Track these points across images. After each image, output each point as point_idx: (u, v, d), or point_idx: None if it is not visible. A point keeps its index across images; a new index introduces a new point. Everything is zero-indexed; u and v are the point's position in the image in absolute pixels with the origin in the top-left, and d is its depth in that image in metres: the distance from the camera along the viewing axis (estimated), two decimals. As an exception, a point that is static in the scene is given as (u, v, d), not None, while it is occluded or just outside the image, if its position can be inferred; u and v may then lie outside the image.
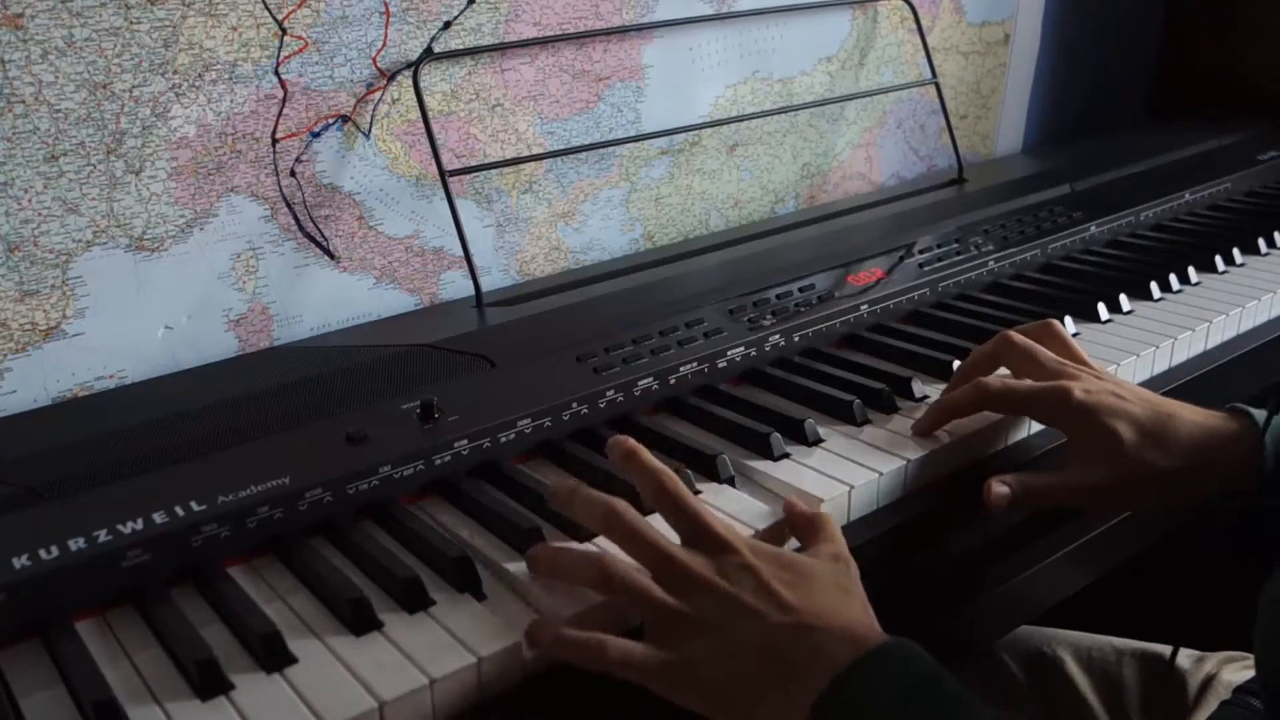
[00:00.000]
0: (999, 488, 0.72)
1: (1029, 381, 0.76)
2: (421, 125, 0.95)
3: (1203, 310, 1.00)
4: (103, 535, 0.59)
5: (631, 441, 0.65)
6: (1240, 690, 0.81)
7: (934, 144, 1.41)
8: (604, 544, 0.65)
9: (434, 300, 1.01)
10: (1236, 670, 0.93)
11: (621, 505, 0.61)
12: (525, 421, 0.74)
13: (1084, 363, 0.78)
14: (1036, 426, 0.81)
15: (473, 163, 0.99)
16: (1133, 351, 0.90)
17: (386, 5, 0.92)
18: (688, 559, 0.58)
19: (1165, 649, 0.96)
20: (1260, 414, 0.74)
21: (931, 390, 0.84)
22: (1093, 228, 1.15)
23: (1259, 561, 0.75)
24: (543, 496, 0.68)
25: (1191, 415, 0.74)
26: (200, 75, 0.84)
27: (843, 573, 0.60)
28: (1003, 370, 0.80)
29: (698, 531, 0.60)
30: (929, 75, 1.30)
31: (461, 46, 0.97)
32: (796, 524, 0.65)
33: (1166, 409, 0.73)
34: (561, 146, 1.05)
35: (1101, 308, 0.98)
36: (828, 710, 0.52)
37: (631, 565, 0.59)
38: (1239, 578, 0.78)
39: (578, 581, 0.60)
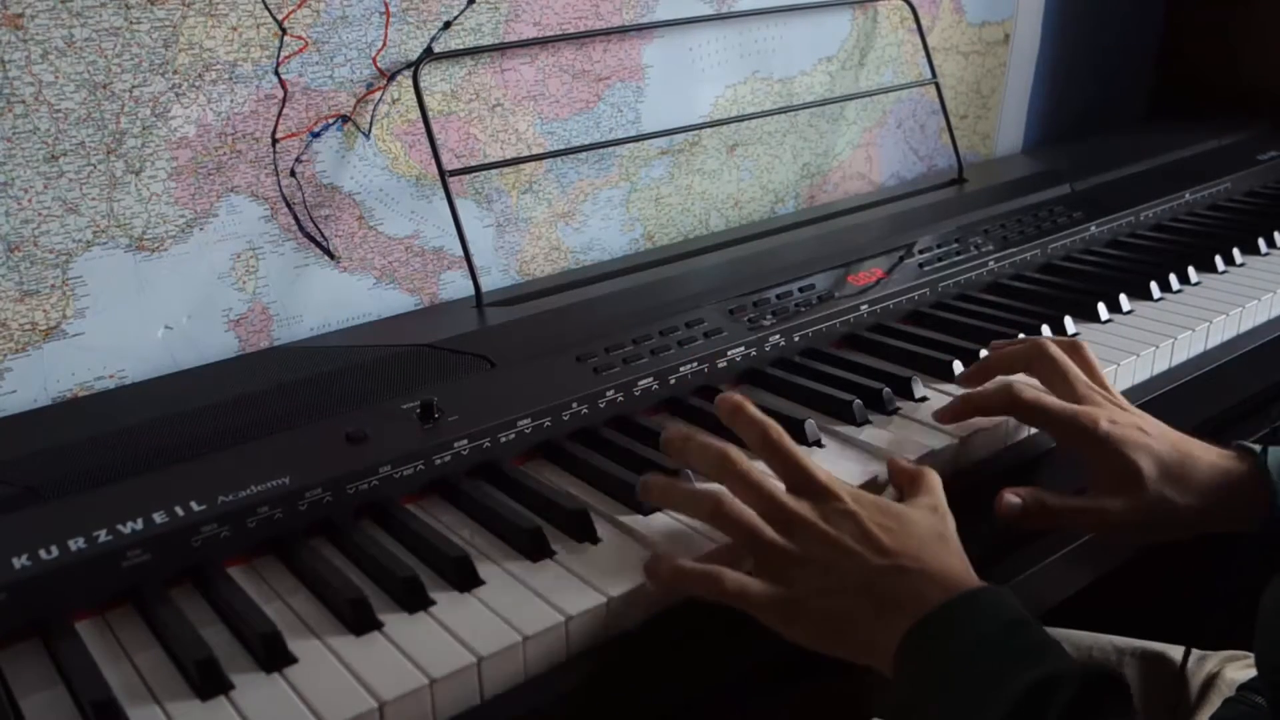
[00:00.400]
0: (1011, 499, 0.72)
1: (1057, 400, 0.75)
2: (421, 125, 0.95)
3: (1203, 310, 1.00)
4: (103, 535, 0.59)
5: (738, 396, 0.69)
6: (1244, 688, 0.81)
7: (934, 144, 1.41)
8: (605, 541, 0.65)
9: (434, 300, 1.01)
10: (1239, 669, 0.93)
11: (735, 451, 0.65)
12: (525, 421, 0.74)
13: (1108, 390, 0.78)
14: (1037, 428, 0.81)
15: (473, 163, 0.99)
16: (1133, 351, 0.90)
17: (386, 5, 0.92)
18: (795, 503, 0.63)
19: (1166, 648, 0.95)
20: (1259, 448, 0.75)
21: (931, 390, 0.84)
22: (1093, 228, 1.15)
23: (1259, 561, 0.75)
24: (543, 495, 0.69)
25: (1206, 455, 0.74)
26: (200, 75, 0.84)
27: (940, 522, 0.64)
28: (1021, 377, 0.80)
29: (803, 478, 0.64)
30: (929, 75, 1.30)
31: (461, 46, 0.97)
32: (899, 478, 0.70)
33: (1185, 447, 0.73)
34: (561, 146, 1.05)
35: (1101, 308, 0.98)
36: (916, 643, 0.56)
37: (744, 506, 0.63)
38: (1240, 577, 0.78)
39: (691, 513, 0.65)
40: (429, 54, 0.95)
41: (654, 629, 0.62)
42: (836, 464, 0.74)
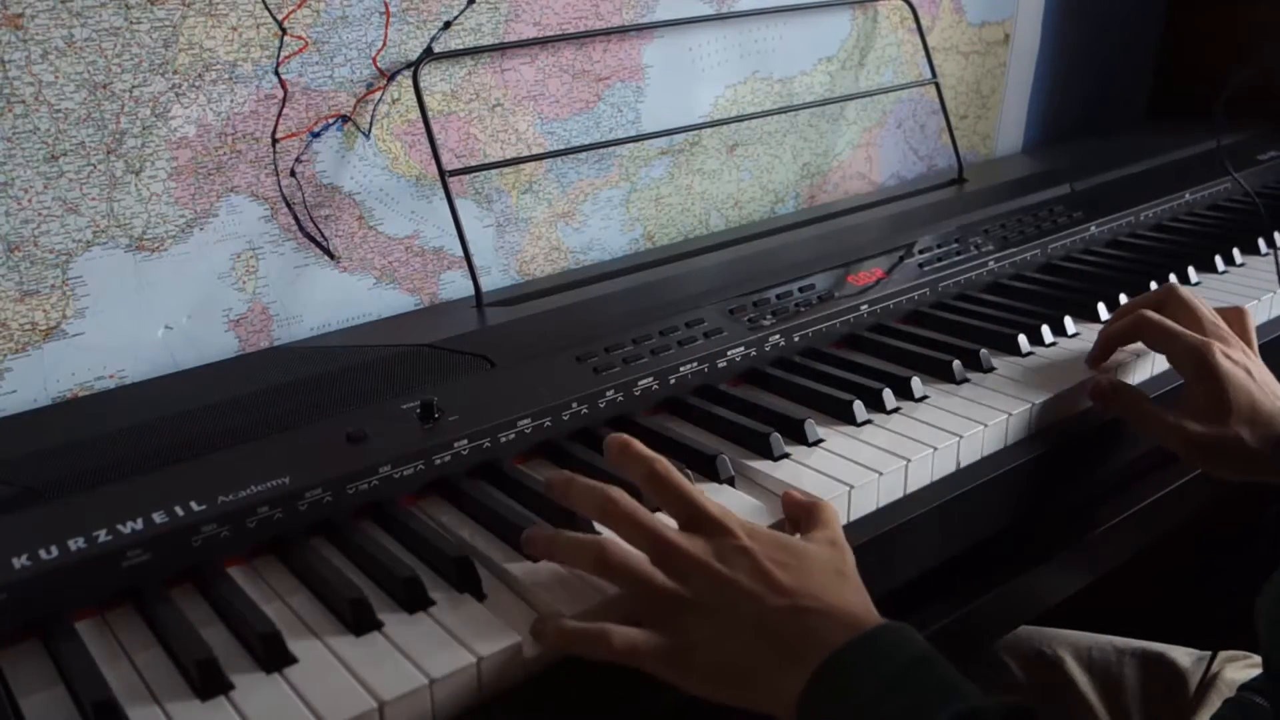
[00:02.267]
0: (1105, 381, 0.82)
1: (1181, 327, 0.81)
2: (421, 125, 0.95)
3: (1203, 310, 1.00)
4: (103, 535, 0.59)
5: (624, 436, 0.65)
6: (1245, 688, 0.82)
7: (934, 144, 1.41)
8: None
9: (434, 300, 1.01)
10: (1238, 669, 0.93)
11: (618, 492, 0.61)
12: (525, 421, 0.74)
13: (1231, 332, 0.83)
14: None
15: (473, 163, 0.99)
16: (1133, 351, 0.90)
17: (386, 5, 0.92)
18: (685, 543, 0.59)
19: (1166, 648, 0.96)
20: None
21: (932, 389, 0.84)
22: (1093, 228, 1.15)
23: (1259, 561, 0.75)
24: (542, 495, 0.68)
25: None
26: (200, 75, 0.84)
27: (838, 558, 0.61)
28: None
29: (693, 515, 0.61)
30: (929, 75, 1.30)
31: (461, 46, 0.97)
32: (794, 513, 0.67)
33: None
34: (561, 146, 1.05)
35: (1101, 308, 0.98)
36: (819, 689, 0.54)
37: (630, 550, 0.60)
38: (1239, 577, 0.78)
39: (575, 565, 0.61)
40: (429, 54, 0.95)
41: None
42: (835, 465, 0.74)
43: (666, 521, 0.62)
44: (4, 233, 0.78)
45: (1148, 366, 0.91)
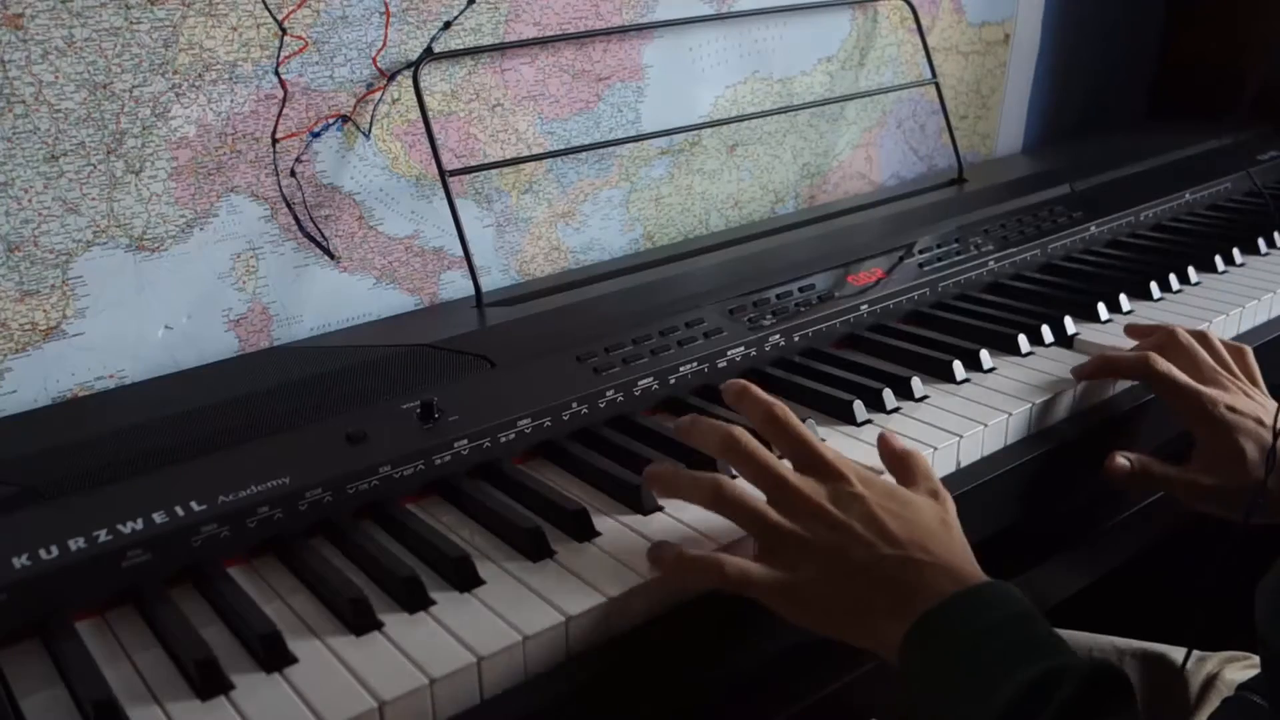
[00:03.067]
0: (1121, 461, 0.79)
1: (1186, 376, 0.81)
2: (421, 125, 0.95)
3: (1203, 310, 1.00)
4: (103, 535, 0.59)
5: (743, 381, 0.69)
6: (1244, 688, 0.81)
7: (934, 144, 1.41)
8: (607, 546, 0.65)
9: (434, 300, 1.01)
10: (1238, 670, 0.93)
11: (740, 431, 0.64)
12: (525, 421, 0.74)
13: (1236, 375, 0.83)
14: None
15: (473, 163, 0.99)
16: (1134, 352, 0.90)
17: (386, 5, 0.92)
18: (802, 484, 0.62)
19: (1166, 648, 0.95)
20: None
21: (931, 390, 0.84)
22: (1093, 228, 1.15)
23: (1259, 561, 0.75)
24: (542, 495, 0.68)
25: None
26: (200, 75, 0.84)
27: (943, 509, 0.64)
28: None
29: (810, 458, 0.64)
30: (929, 75, 1.30)
31: (461, 46, 0.97)
32: (892, 462, 0.69)
33: None
34: (561, 146, 1.05)
35: (1101, 308, 0.98)
36: (922, 635, 0.56)
37: (747, 487, 0.63)
38: (1240, 577, 0.78)
39: (694, 499, 0.64)
40: (429, 54, 0.95)
41: (654, 629, 0.62)
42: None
43: (785, 465, 0.64)
44: (4, 233, 0.78)
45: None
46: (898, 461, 0.68)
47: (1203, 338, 0.85)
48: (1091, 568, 0.87)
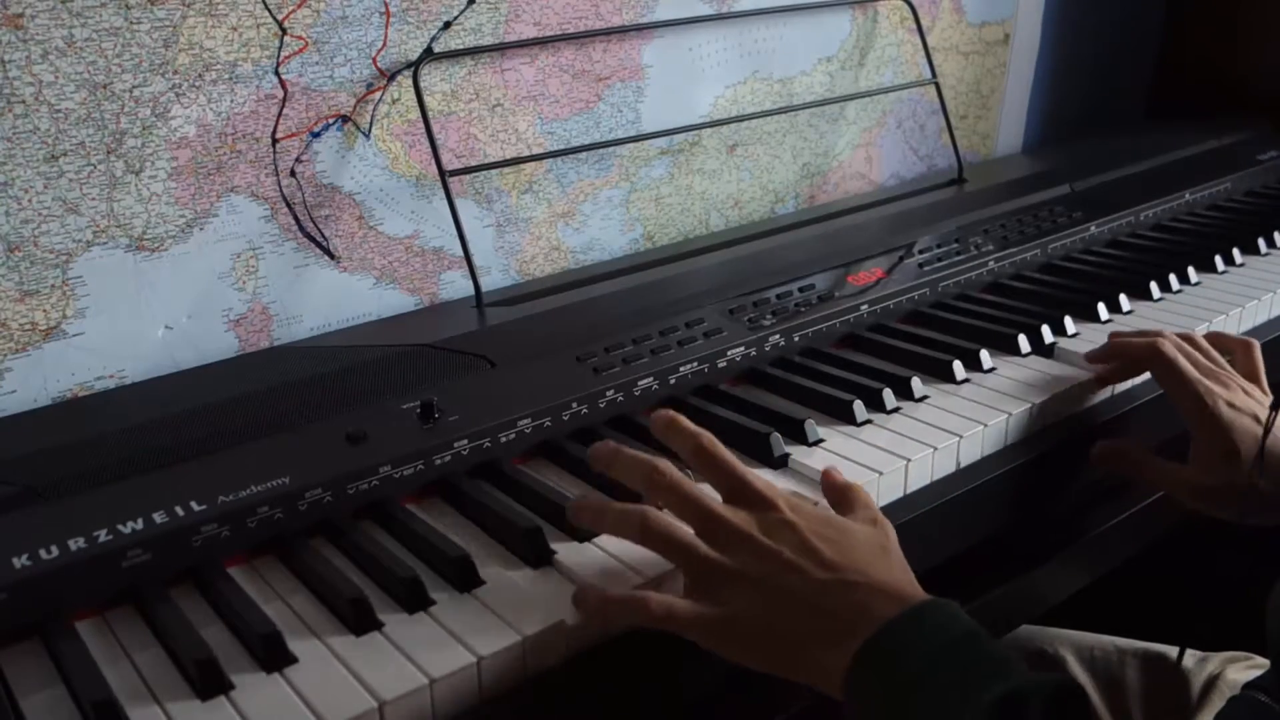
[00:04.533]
0: (1103, 445, 0.81)
1: (1192, 368, 0.80)
2: (421, 125, 0.95)
3: (1203, 310, 1.00)
4: (103, 535, 0.59)
5: (671, 412, 0.67)
6: (1250, 686, 0.82)
7: (934, 144, 1.41)
8: (608, 545, 0.65)
9: (434, 300, 1.01)
10: (1240, 670, 0.93)
11: (665, 463, 0.62)
12: (525, 421, 0.74)
13: (1230, 371, 0.82)
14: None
15: (473, 163, 0.99)
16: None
17: (386, 5, 0.92)
18: (730, 514, 0.60)
19: (1166, 649, 0.95)
20: None
21: (931, 390, 0.84)
22: (1093, 228, 1.15)
23: (1259, 561, 0.75)
24: (542, 495, 0.68)
25: None
26: (200, 75, 0.84)
27: (881, 534, 0.62)
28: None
29: (739, 488, 0.62)
30: (929, 75, 1.30)
31: (461, 46, 0.97)
32: (832, 494, 0.67)
33: None
34: (561, 146, 1.05)
35: (1101, 308, 0.98)
36: (867, 662, 0.54)
37: (674, 520, 0.61)
38: (1241, 577, 0.78)
39: (621, 533, 0.62)
40: (429, 54, 0.95)
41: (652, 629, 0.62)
42: (836, 465, 0.73)
43: (711, 496, 0.62)
44: (4, 233, 0.78)
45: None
46: (838, 494, 0.66)
47: (1189, 339, 0.84)
48: (1091, 568, 0.87)
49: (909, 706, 0.52)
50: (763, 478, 0.63)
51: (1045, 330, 0.93)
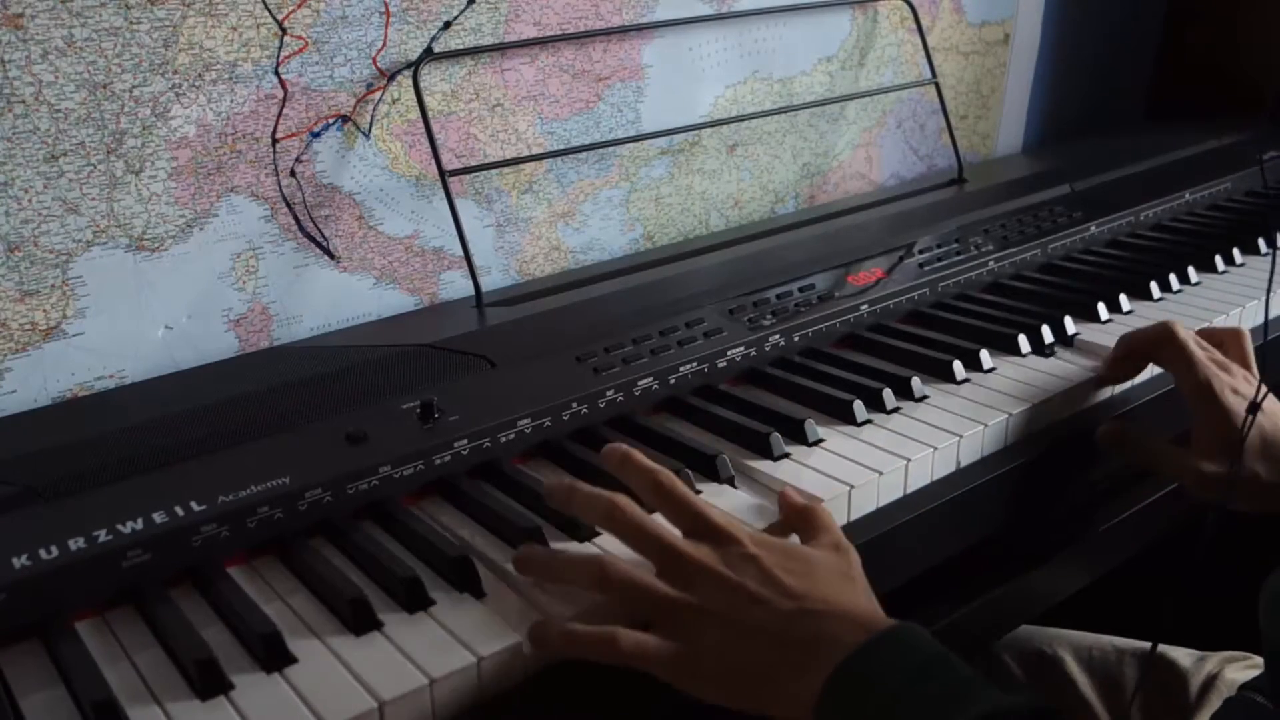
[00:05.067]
0: (1113, 426, 0.82)
1: (1201, 353, 0.81)
2: (421, 125, 0.95)
3: (1203, 310, 1.00)
4: (103, 535, 0.59)
5: (624, 447, 0.65)
6: (1246, 687, 0.82)
7: (934, 144, 1.41)
8: (608, 545, 0.65)
9: (434, 300, 1.01)
10: (1238, 670, 0.93)
11: (623, 500, 0.61)
12: (525, 421, 0.74)
13: (1229, 364, 0.82)
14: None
15: (473, 163, 0.99)
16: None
17: (386, 5, 0.92)
18: (692, 550, 0.59)
19: (1166, 649, 0.95)
20: None
21: (932, 389, 0.84)
22: (1093, 228, 1.15)
23: (1259, 561, 0.75)
24: (542, 496, 0.68)
25: None
26: (200, 75, 0.84)
27: (844, 562, 0.61)
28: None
29: (699, 524, 0.61)
30: (929, 75, 1.30)
31: (461, 46, 0.97)
32: (792, 518, 0.66)
33: None
34: (561, 146, 1.05)
35: (1101, 308, 0.98)
36: (836, 692, 0.53)
37: (631, 563, 0.59)
38: (1239, 577, 0.78)
39: (576, 584, 0.60)
40: (429, 54, 0.95)
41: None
42: (835, 465, 0.74)
43: (671, 532, 0.61)
44: (4, 233, 0.78)
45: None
46: (798, 516, 0.65)
47: (1194, 345, 0.83)
48: (1091, 568, 0.87)
49: None
50: (723, 511, 0.62)
51: (1045, 330, 0.93)
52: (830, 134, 1.29)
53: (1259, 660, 0.93)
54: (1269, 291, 0.84)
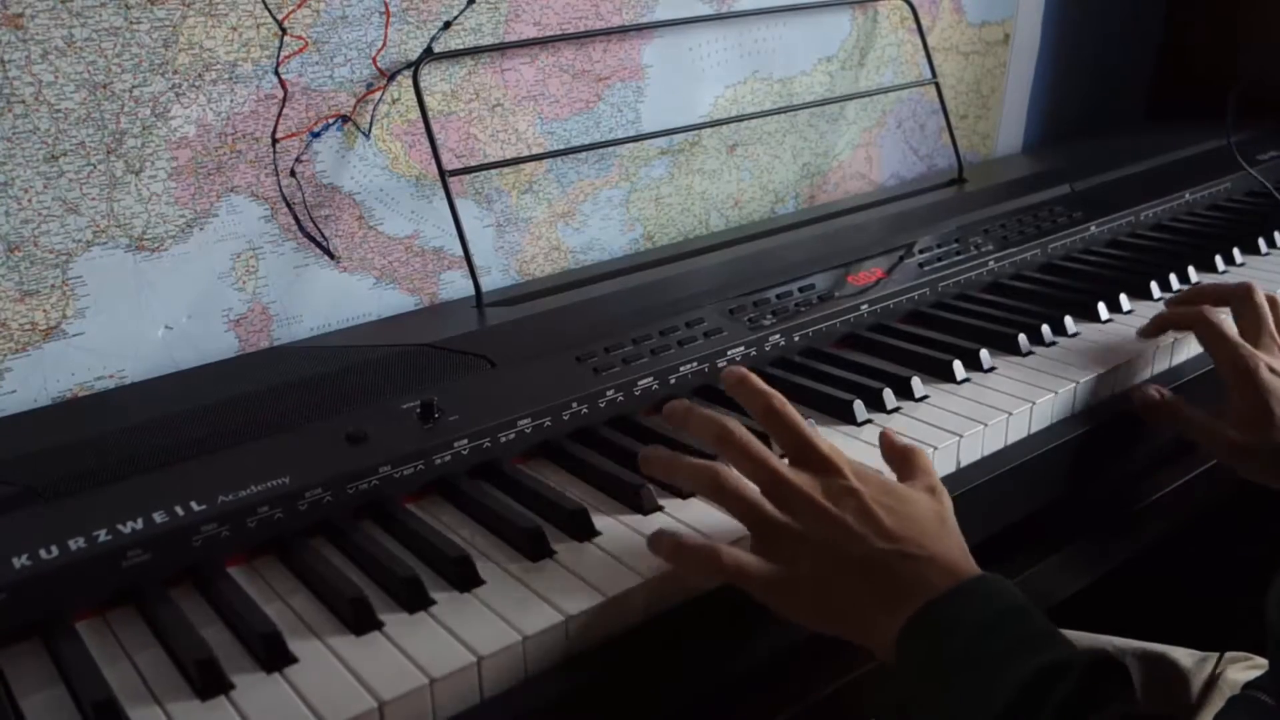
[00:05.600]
0: (1150, 391, 0.84)
1: (1235, 333, 0.83)
2: (421, 125, 0.95)
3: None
4: (103, 535, 0.59)
5: (742, 369, 0.68)
6: (1250, 686, 0.82)
7: (934, 144, 1.41)
8: (607, 545, 0.65)
9: (434, 300, 1.01)
10: (1241, 669, 0.93)
11: (735, 423, 0.64)
12: (525, 421, 0.74)
13: None
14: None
15: (473, 163, 0.99)
16: (1134, 351, 0.90)
17: (386, 5, 0.92)
18: (796, 477, 0.62)
19: (1167, 649, 0.95)
20: None
21: (932, 389, 0.84)
22: (1093, 228, 1.15)
23: (1259, 561, 0.75)
24: (542, 495, 0.68)
25: None
26: (200, 75, 0.84)
27: (940, 504, 0.64)
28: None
29: (805, 451, 0.64)
30: (929, 75, 1.30)
31: (461, 46, 0.97)
32: (893, 457, 0.69)
33: None
34: (561, 146, 1.05)
35: (1101, 308, 0.98)
36: (917, 630, 0.56)
37: (743, 479, 0.62)
38: (1240, 577, 0.78)
39: (691, 486, 0.64)
40: (429, 54, 0.95)
41: (653, 629, 0.62)
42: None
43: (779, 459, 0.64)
44: (4, 233, 0.78)
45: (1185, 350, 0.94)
46: (899, 456, 0.68)
47: (1274, 302, 0.87)
48: (1092, 567, 0.87)
49: (953, 673, 0.55)
50: (829, 442, 0.64)
51: (1045, 330, 0.93)
52: (830, 134, 1.29)
53: (1261, 660, 0.93)
54: None
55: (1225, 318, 0.85)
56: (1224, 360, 0.82)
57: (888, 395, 0.81)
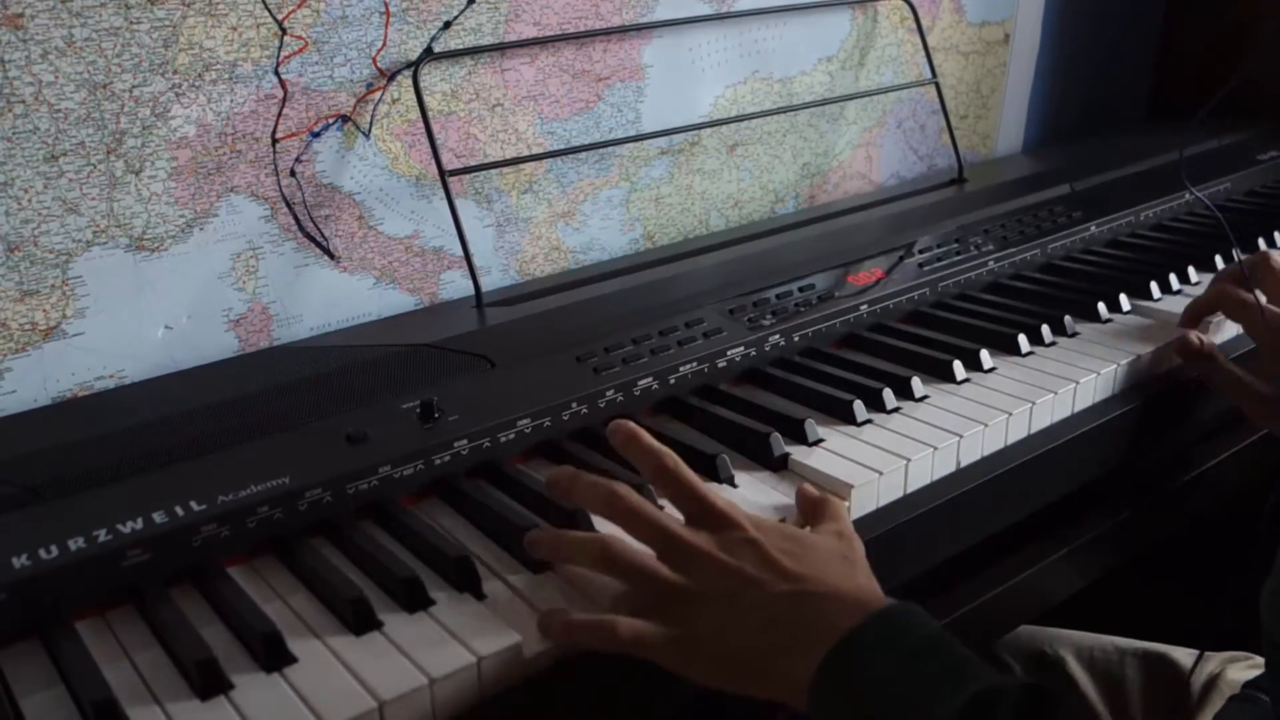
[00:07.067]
0: (1192, 337, 0.88)
1: (1263, 301, 0.88)
2: (421, 125, 0.95)
3: (1203, 310, 1.00)
4: (103, 535, 0.59)
5: (632, 424, 0.66)
6: (1249, 685, 0.82)
7: (934, 144, 1.41)
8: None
9: (434, 300, 1.01)
10: (1240, 669, 0.93)
11: (623, 487, 0.62)
12: (525, 421, 0.74)
13: None
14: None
15: (473, 163, 0.99)
16: (1134, 351, 0.90)
17: (386, 5, 0.92)
18: (691, 535, 0.59)
19: (1167, 649, 0.95)
20: None
21: (932, 390, 0.84)
22: (1093, 228, 1.15)
23: (1259, 561, 0.75)
24: (542, 496, 0.68)
25: None
26: (200, 75, 0.84)
27: (845, 546, 0.62)
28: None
29: (700, 508, 0.61)
30: (929, 75, 1.30)
31: (461, 46, 0.97)
32: (806, 508, 0.67)
33: None
34: (561, 146, 1.05)
35: (1101, 308, 0.98)
36: (832, 671, 0.53)
37: (633, 545, 0.60)
38: (1242, 578, 0.78)
39: (580, 562, 0.61)
40: (429, 54, 0.95)
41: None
42: (836, 464, 0.74)
43: (672, 515, 0.62)
44: (4, 233, 0.78)
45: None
46: (811, 506, 0.67)
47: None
48: (1092, 568, 0.87)
49: (875, 712, 0.52)
50: (725, 498, 0.62)
51: (1045, 330, 0.93)
52: (830, 134, 1.29)
53: (1260, 660, 0.93)
54: None
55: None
56: (1251, 322, 0.88)
57: (888, 395, 0.81)
